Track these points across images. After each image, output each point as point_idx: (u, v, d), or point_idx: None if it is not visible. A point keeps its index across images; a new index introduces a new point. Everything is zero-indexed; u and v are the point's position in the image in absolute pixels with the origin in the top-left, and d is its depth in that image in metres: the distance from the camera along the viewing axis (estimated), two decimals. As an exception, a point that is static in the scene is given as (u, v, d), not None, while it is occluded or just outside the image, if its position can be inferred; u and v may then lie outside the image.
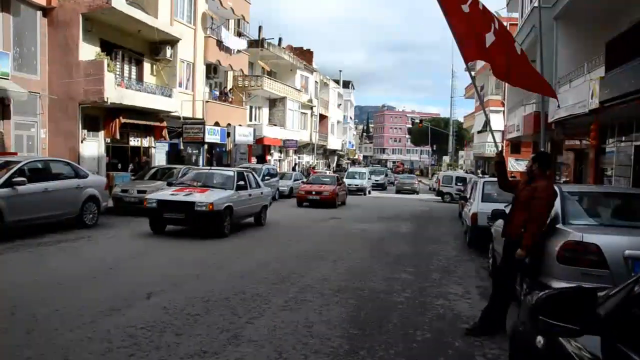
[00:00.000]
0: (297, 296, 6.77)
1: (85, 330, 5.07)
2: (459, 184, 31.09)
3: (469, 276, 8.74)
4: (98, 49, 19.54)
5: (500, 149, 6.20)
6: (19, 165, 10.73)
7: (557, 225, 5.41)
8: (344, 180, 29.18)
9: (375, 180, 41.83)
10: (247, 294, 6.74)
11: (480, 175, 36.91)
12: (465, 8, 5.62)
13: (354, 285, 7.57)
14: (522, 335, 3.07)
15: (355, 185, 32.77)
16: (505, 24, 29.92)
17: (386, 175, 49.63)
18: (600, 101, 11.86)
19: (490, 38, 5.76)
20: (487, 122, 37.49)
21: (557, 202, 5.58)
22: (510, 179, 6.26)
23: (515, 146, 29.48)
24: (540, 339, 2.65)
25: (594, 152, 16.27)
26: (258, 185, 14.95)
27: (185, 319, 5.55)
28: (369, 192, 35.28)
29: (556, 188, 5.74)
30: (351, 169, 41.04)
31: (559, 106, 15.67)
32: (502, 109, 37.01)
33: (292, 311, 6.08)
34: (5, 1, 16.99)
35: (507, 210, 7.73)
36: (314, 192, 22.61)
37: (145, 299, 6.29)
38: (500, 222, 8.14)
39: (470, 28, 5.74)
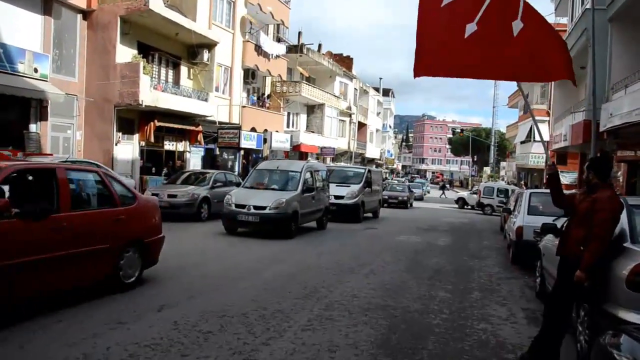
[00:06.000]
0: (322, 314, 6.16)
1: (84, 346, 4.58)
2: (500, 195, 30.00)
3: (513, 296, 7.95)
4: (135, 52, 19.48)
5: (551, 161, 5.37)
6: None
7: (625, 244, 4.61)
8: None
9: (335, 197, 17.84)
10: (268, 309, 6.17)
11: (523, 186, 35.58)
12: None
13: (385, 302, 6.91)
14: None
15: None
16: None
17: (366, 184, 19.53)
18: (662, 108, 10.88)
19: (471, 28, 5.00)
20: (537, 132, 36.19)
21: (623, 217, 4.78)
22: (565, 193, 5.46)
23: (562, 157, 28.16)
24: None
25: (651, 164, 15.15)
26: None
27: (195, 337, 5.01)
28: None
29: (621, 200, 4.93)
30: (262, 165, 16.38)
31: (611, 114, 14.66)
32: (547, 118, 35.60)
33: (315, 332, 5.47)
34: (48, 5, 17.09)
35: (559, 225, 6.98)
36: None
37: (156, 312, 5.79)
38: (549, 237, 7.36)
39: (441, 28, 5.06)
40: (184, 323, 5.42)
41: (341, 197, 18.35)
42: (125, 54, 19.05)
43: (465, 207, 35.83)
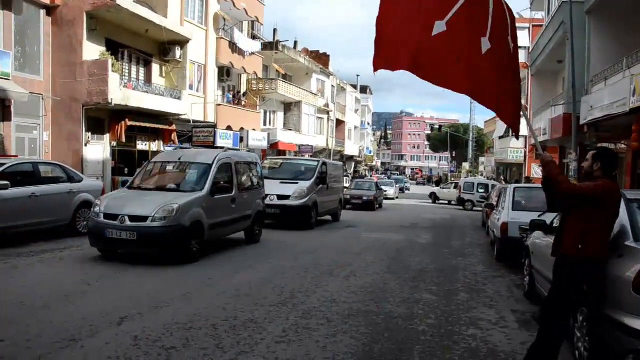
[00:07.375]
0: (298, 322, 5.69)
1: (28, 370, 4.05)
2: (480, 191, 29.85)
3: (501, 296, 7.57)
4: (103, 49, 18.73)
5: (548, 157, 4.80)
6: (3, 168, 9.85)
7: (627, 243, 4.19)
8: None
9: (279, 196, 14.93)
10: (239, 319, 5.67)
11: (503, 181, 35.58)
12: None
13: (367, 308, 6.46)
14: None
15: None
16: (527, 25, 28.07)
17: (320, 180, 16.31)
18: (646, 98, 10.65)
19: (440, 27, 4.41)
20: (527, 125, 35.75)
21: (623, 212, 4.38)
22: None
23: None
24: None
25: (632, 156, 14.98)
26: None
27: (156, 354, 4.49)
28: None
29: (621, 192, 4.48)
30: (159, 156, 12.32)
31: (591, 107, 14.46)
32: (525, 113, 35.65)
33: (290, 344, 4.99)
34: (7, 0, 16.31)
35: (548, 221, 6.61)
36: None
37: (116, 325, 5.25)
38: (538, 234, 7.01)
39: (406, 19, 4.52)
40: (145, 338, 4.89)
41: (286, 197, 14.81)
42: (92, 51, 18.29)
43: (437, 201, 36.67)
